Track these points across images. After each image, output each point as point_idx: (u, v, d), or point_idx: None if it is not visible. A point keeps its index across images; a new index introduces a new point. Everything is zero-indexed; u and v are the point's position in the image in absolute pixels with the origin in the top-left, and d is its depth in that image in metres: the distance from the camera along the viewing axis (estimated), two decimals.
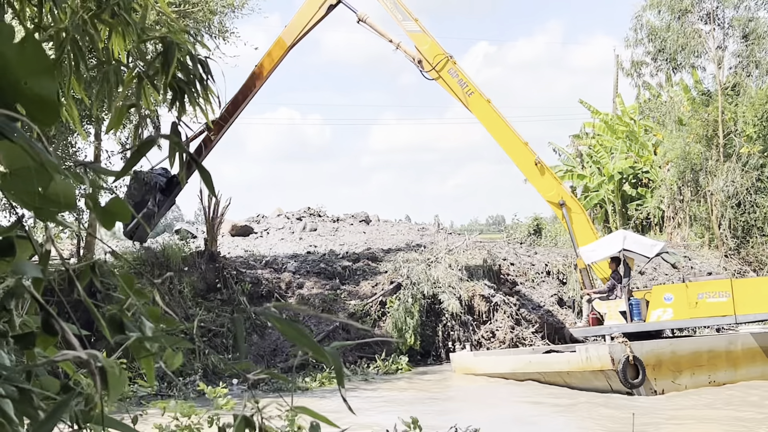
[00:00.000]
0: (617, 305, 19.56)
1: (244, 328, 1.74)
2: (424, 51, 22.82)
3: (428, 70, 22.80)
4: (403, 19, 22.97)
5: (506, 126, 22.58)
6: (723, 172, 35.04)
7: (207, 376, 19.18)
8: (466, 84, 22.56)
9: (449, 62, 22.65)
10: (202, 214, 26.14)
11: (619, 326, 19.37)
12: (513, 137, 22.48)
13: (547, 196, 22.14)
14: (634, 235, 21.32)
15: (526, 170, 22.38)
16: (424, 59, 22.82)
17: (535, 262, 30.20)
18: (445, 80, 22.70)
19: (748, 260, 34.64)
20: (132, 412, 6.19)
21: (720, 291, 18.32)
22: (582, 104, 47.19)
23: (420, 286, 24.61)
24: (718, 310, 18.24)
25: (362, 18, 23.42)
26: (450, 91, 22.74)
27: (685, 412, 14.91)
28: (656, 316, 18.90)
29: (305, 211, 38.73)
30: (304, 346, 1.72)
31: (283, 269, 26.56)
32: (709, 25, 36.38)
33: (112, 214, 1.76)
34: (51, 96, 1.59)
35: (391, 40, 23.37)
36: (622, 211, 43.79)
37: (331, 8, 23.48)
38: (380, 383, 20.27)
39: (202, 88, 2.84)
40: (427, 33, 23.06)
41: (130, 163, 1.95)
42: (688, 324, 18.99)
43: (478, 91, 22.57)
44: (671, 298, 18.86)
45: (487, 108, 22.59)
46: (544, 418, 15.57)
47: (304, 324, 22.22)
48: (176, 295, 21.85)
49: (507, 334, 24.68)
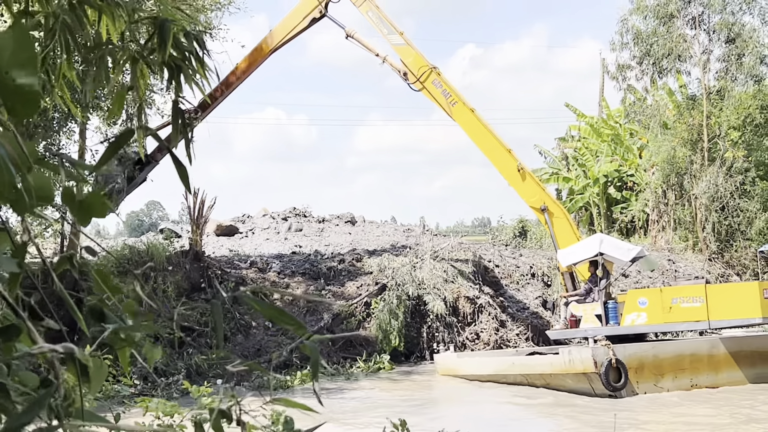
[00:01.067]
0: (593, 308, 19.68)
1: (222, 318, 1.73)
2: (408, 63, 23.35)
3: (413, 81, 23.33)
4: (388, 33, 23.56)
5: (489, 134, 22.96)
6: (707, 176, 35.22)
7: (191, 376, 19.11)
8: (450, 94, 23.03)
9: (433, 73, 23.14)
10: (187, 214, 26.07)
11: (594, 329, 19.46)
12: (496, 144, 22.86)
13: (530, 201, 22.54)
14: (610, 239, 21.46)
15: (509, 176, 22.68)
16: (409, 71, 23.35)
17: (520, 264, 30.27)
18: (429, 91, 23.16)
19: (731, 264, 34.84)
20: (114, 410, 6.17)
21: (694, 296, 18.34)
22: (568, 107, 47.40)
23: (405, 287, 24.62)
24: (691, 315, 18.26)
25: (350, 34, 24.14)
26: (434, 101, 23.18)
27: (663, 415, 14.96)
28: (630, 320, 18.97)
29: (291, 211, 38.69)
30: (284, 324, 1.71)
31: (268, 269, 26.52)
32: (694, 29, 36.57)
33: (89, 208, 1.71)
34: (32, 87, 1.57)
35: (378, 53, 23.98)
36: (607, 214, 44.00)
37: (315, 21, 24.21)
38: (363, 383, 20.26)
39: (198, 64, 2.81)
40: (411, 46, 23.57)
41: (107, 155, 1.91)
42: (661, 329, 18.99)
43: (461, 100, 23.02)
44: (646, 302, 18.92)
45: (471, 117, 23.02)
46: (526, 417, 15.61)
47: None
48: (160, 294, 21.77)
49: (491, 336, 24.70)
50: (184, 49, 2.75)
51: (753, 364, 18.35)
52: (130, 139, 1.89)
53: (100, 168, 1.94)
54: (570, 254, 20.73)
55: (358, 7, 23.73)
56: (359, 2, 23.66)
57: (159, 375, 19.04)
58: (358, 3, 23.67)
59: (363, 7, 23.67)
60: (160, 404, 5.98)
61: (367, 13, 23.67)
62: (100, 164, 1.91)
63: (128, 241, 26.34)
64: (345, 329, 23.54)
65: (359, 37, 24.20)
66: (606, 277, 20.05)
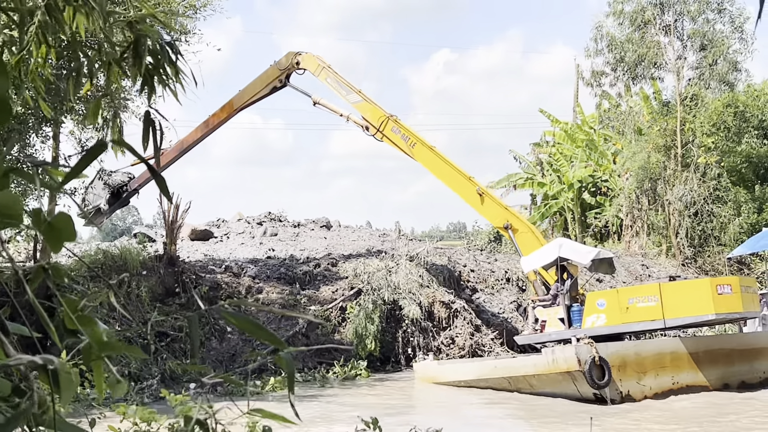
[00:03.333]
0: (557, 312, 19.82)
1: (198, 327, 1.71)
2: (368, 117, 25.02)
3: (374, 133, 24.82)
4: (347, 93, 25.42)
5: (449, 166, 23.97)
6: (681, 182, 35.50)
7: (165, 381, 18.97)
8: (409, 137, 24.33)
9: (390, 121, 24.61)
10: (161, 218, 25.93)
11: (558, 333, 19.56)
12: (456, 175, 23.85)
13: (494, 222, 23.66)
14: (570, 243, 21.76)
15: (471, 201, 23.62)
16: (369, 124, 24.86)
17: (495, 269, 30.35)
18: (390, 138, 24.63)
19: (704, 269, 35.12)
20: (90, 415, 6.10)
21: (649, 295, 18.38)
22: (542, 113, 47.61)
23: (380, 291, 24.60)
24: (647, 315, 18.30)
25: (316, 101, 26.26)
26: (395, 146, 24.62)
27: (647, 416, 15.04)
28: (591, 322, 19.03)
29: (266, 215, 38.55)
30: (260, 337, 1.70)
31: (243, 274, 26.40)
32: (668, 36, 36.87)
33: (58, 231, 1.65)
34: (2, 95, 1.55)
35: (342, 113, 25.87)
36: (581, 219, 44.21)
37: (276, 89, 26.73)
38: (339, 389, 20.21)
39: (172, 70, 2.81)
40: (369, 100, 25.26)
41: (80, 166, 1.87)
42: (620, 329, 19.01)
43: (420, 141, 24.26)
44: (604, 303, 19.01)
45: (430, 155, 24.14)
46: (504, 420, 15.64)
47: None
48: (134, 299, 21.61)
49: (467, 341, 24.73)
50: (158, 56, 2.73)
51: (731, 362, 18.56)
52: (102, 152, 1.85)
53: (72, 179, 1.89)
54: (531, 260, 21.01)
55: (317, 76, 25.76)
56: (318, 72, 25.70)
57: (132, 380, 18.90)
58: (317, 73, 25.71)
59: (321, 75, 25.66)
60: (138, 410, 5.92)
61: (326, 79, 25.59)
62: (71, 176, 1.86)
63: (102, 246, 26.08)
64: (320, 334, 23.49)
65: (324, 102, 26.16)
66: (574, 281, 20.23)
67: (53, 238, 1.66)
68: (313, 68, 25.80)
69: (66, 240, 1.68)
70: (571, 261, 20.17)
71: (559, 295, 19.99)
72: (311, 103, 26.40)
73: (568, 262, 20.16)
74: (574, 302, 19.84)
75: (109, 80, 2.82)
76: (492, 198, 23.58)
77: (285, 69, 26.21)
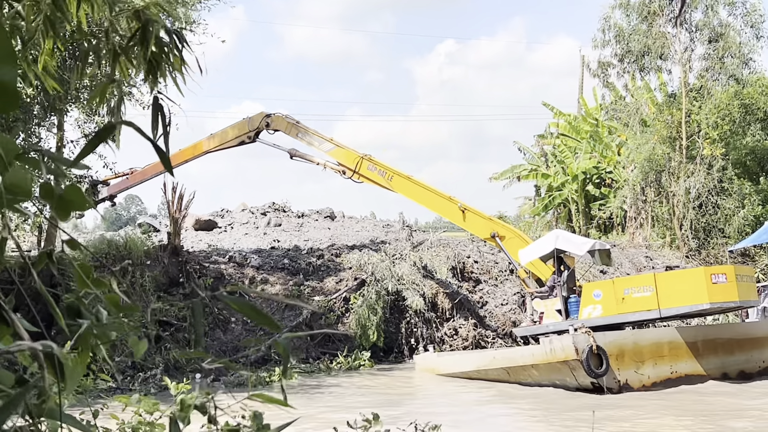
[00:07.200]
0: (554, 304, 19.89)
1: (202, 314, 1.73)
2: (343, 162, 25.50)
3: (351, 175, 25.19)
4: (319, 144, 26.04)
5: (428, 191, 24.44)
6: (686, 174, 35.43)
7: (168, 370, 19.03)
8: (385, 172, 24.83)
9: (364, 161, 25.14)
10: (166, 208, 25.95)
11: (555, 324, 19.61)
12: (436, 198, 24.33)
13: (480, 234, 23.94)
14: (566, 234, 21.78)
15: (455, 219, 24.08)
16: (346, 168, 25.29)
17: (499, 261, 30.32)
18: (367, 177, 25.13)
19: (708, 261, 35.02)
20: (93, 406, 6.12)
21: (644, 285, 18.42)
22: (545, 106, 47.52)
23: (384, 282, 24.64)
24: (643, 305, 18.33)
25: (293, 153, 26.61)
26: (374, 183, 25.00)
27: (646, 408, 15.05)
28: (587, 313, 19.07)
29: (270, 206, 38.56)
30: (260, 323, 1.72)
31: (247, 264, 26.44)
32: (676, 28, 36.72)
33: (68, 203, 1.69)
34: (11, 83, 1.56)
35: (318, 162, 26.19)
36: (586, 211, 44.14)
37: (244, 143, 27.11)
38: (342, 379, 20.27)
39: (178, 59, 2.82)
40: (341, 146, 25.84)
41: (88, 149, 1.89)
42: (616, 320, 19.04)
43: (396, 173, 24.76)
44: (600, 294, 19.05)
45: (408, 184, 24.62)
46: (507, 413, 15.66)
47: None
48: (138, 289, 21.65)
49: (470, 332, 24.77)
50: (164, 45, 2.74)
51: (730, 351, 18.60)
52: (111, 133, 1.87)
53: (79, 161, 1.91)
54: (529, 252, 21.12)
55: (289, 134, 26.48)
56: (288, 130, 26.37)
57: (137, 369, 18.97)
58: (288, 131, 26.39)
59: (292, 132, 26.35)
60: (142, 401, 5.93)
61: (297, 135, 26.29)
62: (80, 158, 1.89)
63: (106, 235, 26.15)
64: (324, 325, 23.54)
65: (301, 153, 26.57)
66: (571, 273, 20.30)
67: (63, 208, 1.68)
68: (283, 127, 26.43)
69: (76, 210, 1.71)
70: (567, 252, 20.23)
71: (557, 287, 20.07)
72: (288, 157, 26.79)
73: (564, 253, 20.22)
74: (572, 293, 19.89)
75: (113, 70, 2.82)
76: (474, 212, 23.81)
77: (255, 128, 26.73)
